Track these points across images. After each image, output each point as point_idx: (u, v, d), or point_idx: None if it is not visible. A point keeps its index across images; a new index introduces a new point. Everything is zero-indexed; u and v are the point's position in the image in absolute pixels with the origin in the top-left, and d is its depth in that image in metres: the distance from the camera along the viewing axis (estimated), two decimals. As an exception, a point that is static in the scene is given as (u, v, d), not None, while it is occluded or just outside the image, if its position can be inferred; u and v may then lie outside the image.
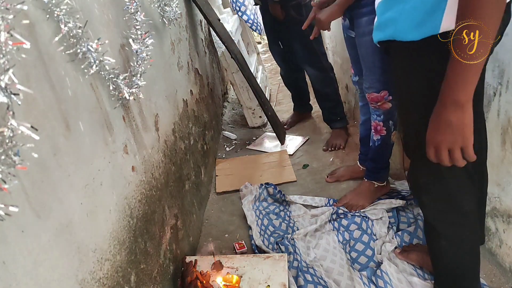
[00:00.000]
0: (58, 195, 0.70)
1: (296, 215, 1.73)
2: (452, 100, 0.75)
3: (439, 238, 1.05)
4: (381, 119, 1.57)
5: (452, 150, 0.80)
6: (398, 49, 0.91)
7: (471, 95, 0.74)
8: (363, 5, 1.40)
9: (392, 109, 1.54)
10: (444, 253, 1.06)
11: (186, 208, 1.53)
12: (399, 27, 0.86)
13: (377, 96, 1.51)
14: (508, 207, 1.19)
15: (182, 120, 1.66)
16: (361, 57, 1.51)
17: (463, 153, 0.79)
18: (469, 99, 0.75)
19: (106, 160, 0.91)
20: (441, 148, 0.80)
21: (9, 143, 0.50)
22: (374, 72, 1.47)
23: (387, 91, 1.49)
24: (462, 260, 1.06)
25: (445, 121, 0.78)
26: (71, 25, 0.72)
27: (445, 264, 1.09)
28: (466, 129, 0.77)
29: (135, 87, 0.96)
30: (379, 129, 1.60)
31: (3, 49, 0.50)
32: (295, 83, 2.65)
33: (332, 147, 2.29)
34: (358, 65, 1.61)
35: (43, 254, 0.64)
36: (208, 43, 2.59)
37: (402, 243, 1.46)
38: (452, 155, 0.80)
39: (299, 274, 1.33)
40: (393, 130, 1.61)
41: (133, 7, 1.02)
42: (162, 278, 1.18)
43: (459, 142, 0.78)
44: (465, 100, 0.74)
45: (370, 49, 1.43)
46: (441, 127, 0.79)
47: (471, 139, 0.78)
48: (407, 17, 0.83)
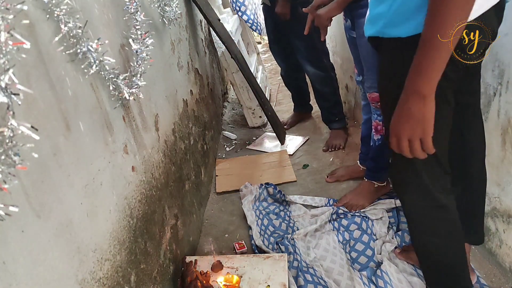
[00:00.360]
0: (58, 195, 0.70)
1: (296, 215, 1.73)
2: (414, 91, 0.76)
3: (422, 233, 1.06)
4: (381, 118, 1.57)
5: (411, 141, 0.80)
6: (385, 45, 0.90)
7: (434, 87, 0.75)
8: (362, 5, 1.40)
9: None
10: (429, 248, 1.07)
11: (186, 208, 1.53)
12: (387, 22, 0.85)
13: (378, 96, 1.51)
14: (508, 207, 1.19)
15: (182, 120, 1.66)
16: (362, 57, 1.51)
17: (422, 144, 0.80)
18: (432, 91, 0.75)
19: (106, 160, 0.91)
20: (402, 138, 0.81)
21: (9, 143, 0.50)
22: (374, 72, 1.48)
23: None
24: (447, 254, 1.06)
25: (407, 111, 0.78)
26: (71, 25, 0.72)
27: (431, 260, 1.09)
28: (426, 121, 0.77)
29: (135, 87, 0.96)
30: (379, 128, 1.60)
31: (3, 49, 0.50)
32: (296, 83, 2.66)
33: (332, 148, 2.29)
34: (361, 65, 1.61)
35: (43, 254, 0.64)
36: (208, 43, 2.59)
37: (402, 243, 1.46)
38: (411, 145, 0.81)
39: (299, 274, 1.33)
40: None
41: (133, 7, 1.02)
42: (162, 278, 1.18)
43: (418, 133, 0.79)
44: (427, 91, 0.75)
45: (370, 50, 1.43)
46: (402, 117, 0.80)
47: (430, 131, 0.78)
48: (395, 13, 0.82)
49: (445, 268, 1.08)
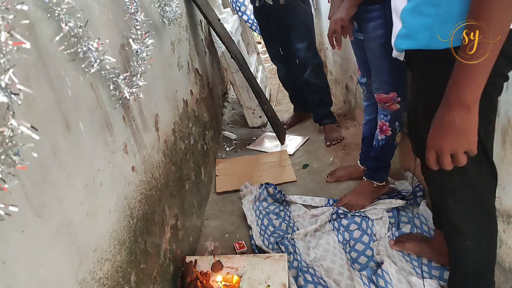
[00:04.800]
0: (58, 195, 0.70)
1: (296, 215, 1.73)
2: (457, 100, 0.72)
3: (464, 239, 1.02)
4: (387, 119, 1.57)
5: (456, 155, 0.76)
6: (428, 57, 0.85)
7: (478, 96, 0.71)
8: (371, 10, 1.39)
9: (400, 111, 1.54)
10: (469, 254, 1.04)
11: (186, 208, 1.53)
12: (434, 34, 0.78)
13: (386, 97, 1.51)
14: (508, 207, 1.19)
15: (182, 120, 1.66)
16: (370, 60, 1.51)
17: (468, 155, 0.77)
18: (476, 100, 0.71)
19: (106, 160, 0.91)
20: (444, 152, 0.76)
21: (9, 143, 0.50)
22: (382, 74, 1.48)
23: (395, 93, 1.49)
24: (485, 258, 1.05)
25: (449, 123, 0.74)
26: (71, 24, 0.72)
27: (467, 265, 1.07)
28: (471, 132, 0.73)
29: (135, 87, 0.96)
30: (384, 129, 1.60)
31: (3, 49, 0.50)
32: (294, 82, 2.65)
33: (334, 141, 2.32)
34: (365, 66, 1.61)
35: (43, 254, 0.64)
36: (208, 43, 2.59)
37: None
38: (457, 158, 0.76)
39: (299, 274, 1.33)
40: (398, 131, 1.61)
41: (133, 7, 1.02)
42: (162, 278, 1.18)
43: (464, 146, 0.74)
44: (470, 101, 0.71)
45: (377, 53, 1.44)
46: (444, 129, 0.75)
47: (475, 141, 0.75)
48: (442, 22, 0.76)
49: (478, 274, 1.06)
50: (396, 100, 1.51)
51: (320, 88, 2.40)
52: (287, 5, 2.21)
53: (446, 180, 0.97)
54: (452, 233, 1.07)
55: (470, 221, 1.00)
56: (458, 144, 0.74)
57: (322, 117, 2.44)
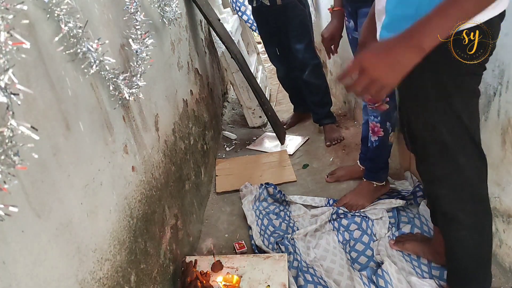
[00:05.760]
0: (58, 195, 0.70)
1: (296, 215, 1.73)
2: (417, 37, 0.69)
3: (459, 229, 1.03)
4: (378, 120, 1.57)
5: (376, 81, 0.72)
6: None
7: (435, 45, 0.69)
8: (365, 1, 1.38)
9: (390, 111, 1.54)
10: (465, 244, 1.05)
11: (186, 208, 1.53)
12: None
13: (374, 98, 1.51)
14: (508, 207, 1.19)
15: (182, 120, 1.66)
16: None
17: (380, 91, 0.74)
18: (429, 49, 0.69)
19: (106, 160, 0.91)
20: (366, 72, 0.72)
21: (9, 143, 0.50)
22: None
23: None
24: (481, 248, 1.05)
25: (394, 55, 0.70)
26: (71, 24, 0.72)
27: (463, 255, 1.08)
28: (401, 72, 0.71)
29: (135, 87, 0.96)
30: (376, 130, 1.60)
31: (3, 49, 0.50)
32: (294, 83, 2.65)
33: (334, 141, 2.32)
34: None
35: (43, 254, 0.64)
36: (208, 43, 2.59)
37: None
38: (372, 85, 0.73)
39: (299, 274, 1.33)
40: (391, 131, 1.61)
41: (133, 7, 1.02)
42: (162, 278, 1.18)
43: (388, 79, 0.71)
44: (428, 47, 0.69)
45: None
46: (384, 53, 0.71)
47: (397, 82, 0.72)
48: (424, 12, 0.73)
49: (478, 265, 1.07)
50: (385, 100, 1.50)
51: (319, 89, 2.39)
52: (284, 5, 2.21)
53: (437, 169, 0.99)
54: (446, 223, 1.07)
55: (463, 208, 1.01)
56: (385, 73, 0.71)
57: (322, 117, 2.44)
